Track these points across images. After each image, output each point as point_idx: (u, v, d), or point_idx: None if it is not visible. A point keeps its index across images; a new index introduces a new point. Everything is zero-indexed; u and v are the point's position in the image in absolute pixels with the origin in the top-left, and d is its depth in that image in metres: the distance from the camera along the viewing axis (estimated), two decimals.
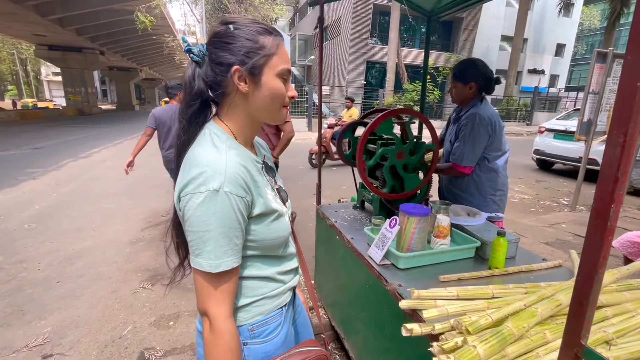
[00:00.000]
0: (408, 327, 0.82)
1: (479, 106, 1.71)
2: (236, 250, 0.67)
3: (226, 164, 0.65)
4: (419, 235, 1.19)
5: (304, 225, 3.70)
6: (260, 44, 0.69)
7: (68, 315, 2.25)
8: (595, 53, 3.92)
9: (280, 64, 0.71)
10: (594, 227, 0.48)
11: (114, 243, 3.38)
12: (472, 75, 1.71)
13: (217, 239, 0.63)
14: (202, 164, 0.64)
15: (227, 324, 0.66)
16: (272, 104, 0.72)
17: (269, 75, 0.70)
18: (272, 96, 0.71)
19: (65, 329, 2.12)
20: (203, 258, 0.64)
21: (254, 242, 0.72)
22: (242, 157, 0.71)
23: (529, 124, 18.86)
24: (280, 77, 0.71)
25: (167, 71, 43.36)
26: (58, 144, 9.86)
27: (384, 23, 18.39)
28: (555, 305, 0.82)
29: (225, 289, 0.66)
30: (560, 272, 1.24)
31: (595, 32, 31.16)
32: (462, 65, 1.76)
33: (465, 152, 1.67)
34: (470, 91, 1.72)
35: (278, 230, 0.75)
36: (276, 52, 0.70)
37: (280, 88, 0.71)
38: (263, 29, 0.70)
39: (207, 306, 0.65)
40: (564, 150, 6.51)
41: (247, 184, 0.67)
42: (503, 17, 21.11)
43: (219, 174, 0.63)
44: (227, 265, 0.65)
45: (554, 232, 3.71)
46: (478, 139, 1.65)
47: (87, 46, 21.25)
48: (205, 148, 0.68)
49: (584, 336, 0.51)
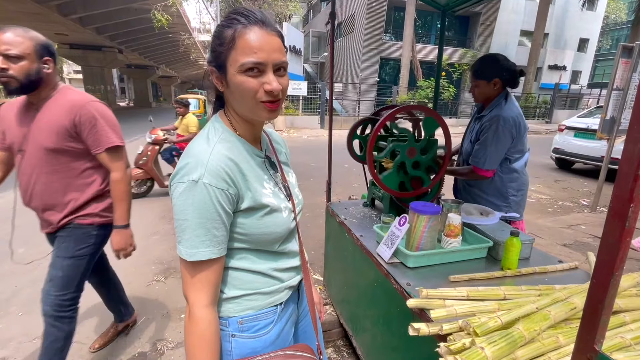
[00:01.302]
0: (415, 327, 0.81)
1: (503, 106, 1.63)
2: (216, 242, 0.67)
3: (210, 156, 0.66)
4: (429, 233, 1.17)
5: (314, 222, 3.70)
6: (222, 38, 0.66)
7: (85, 305, 2.32)
8: (621, 47, 3.75)
9: (241, 57, 0.63)
10: (611, 227, 0.46)
11: None
12: (495, 70, 1.62)
13: (194, 229, 0.65)
14: (190, 155, 0.67)
15: (204, 312, 0.67)
16: (244, 101, 0.68)
17: (231, 72, 0.65)
18: (239, 93, 0.67)
19: (81, 317, 2.19)
20: (182, 245, 0.66)
21: (243, 235, 0.72)
22: (234, 150, 0.71)
23: (548, 121, 18.25)
24: (243, 73, 0.64)
25: (183, 69, 44.08)
26: None
27: (399, 19, 18.11)
28: (569, 309, 0.79)
29: (204, 277, 0.67)
30: (576, 274, 1.20)
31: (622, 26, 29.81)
32: (483, 62, 1.67)
33: (487, 156, 1.60)
34: (495, 88, 1.64)
35: (271, 226, 0.74)
36: (235, 44, 0.64)
37: (242, 84, 0.65)
38: (229, 20, 0.66)
39: (187, 293, 0.68)
40: (585, 149, 6.27)
41: (231, 176, 0.67)
42: (523, 11, 20.45)
43: (200, 165, 0.65)
44: (203, 255, 0.65)
45: (573, 234, 3.58)
46: (502, 142, 1.58)
47: (106, 45, 21.83)
48: (198, 140, 0.70)
49: (598, 341, 0.49)
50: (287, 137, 11.48)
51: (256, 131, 0.79)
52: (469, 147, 1.74)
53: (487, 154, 1.60)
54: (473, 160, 1.67)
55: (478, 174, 1.66)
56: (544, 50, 21.60)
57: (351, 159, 1.86)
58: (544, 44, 20.99)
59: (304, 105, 15.36)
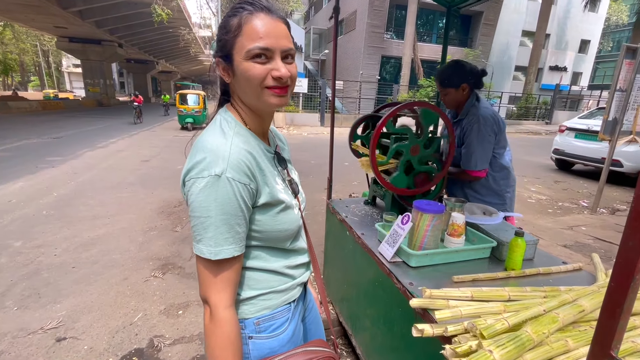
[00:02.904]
0: (419, 328, 0.79)
1: (478, 106, 1.65)
2: (238, 239, 0.65)
3: (230, 149, 0.63)
4: (432, 233, 1.15)
5: (314, 219, 3.68)
6: (227, 28, 0.65)
7: (82, 300, 2.30)
8: (625, 48, 3.73)
9: (248, 44, 0.62)
10: (632, 228, 0.44)
11: (128, 231, 3.45)
12: (461, 76, 1.63)
13: (217, 226, 0.62)
14: (207, 149, 0.63)
15: (227, 313, 0.65)
16: (250, 89, 0.66)
17: (237, 59, 0.64)
18: (245, 80, 0.65)
19: (78, 313, 2.17)
20: (203, 244, 0.63)
21: (258, 232, 0.70)
22: (250, 144, 0.69)
23: (548, 122, 18.25)
24: (250, 59, 0.63)
25: (183, 64, 43.88)
26: (77, 134, 10.13)
27: (401, 17, 18.03)
28: (578, 312, 0.77)
29: (226, 277, 0.65)
30: (581, 275, 1.18)
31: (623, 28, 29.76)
32: (448, 70, 1.67)
33: (477, 157, 1.62)
34: (464, 93, 1.66)
35: (285, 223, 0.73)
36: (241, 32, 0.63)
37: (249, 70, 0.63)
38: (234, 9, 0.65)
39: (207, 294, 0.64)
40: (586, 150, 6.26)
41: (252, 171, 0.65)
42: (525, 11, 20.38)
43: (222, 160, 0.62)
44: (227, 252, 0.63)
45: (573, 235, 3.57)
46: (486, 140, 1.61)
47: (106, 39, 21.71)
48: (213, 134, 0.67)
49: (615, 347, 0.47)
50: (287, 134, 11.45)
51: (265, 126, 0.77)
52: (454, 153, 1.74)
53: (476, 154, 1.62)
54: (464, 164, 1.67)
55: (471, 176, 1.67)
56: (545, 51, 21.59)
57: (352, 157, 1.84)
58: (545, 44, 20.98)
59: (304, 103, 15.30)
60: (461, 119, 1.70)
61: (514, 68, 21.58)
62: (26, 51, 35.38)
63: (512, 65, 21.38)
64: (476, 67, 1.68)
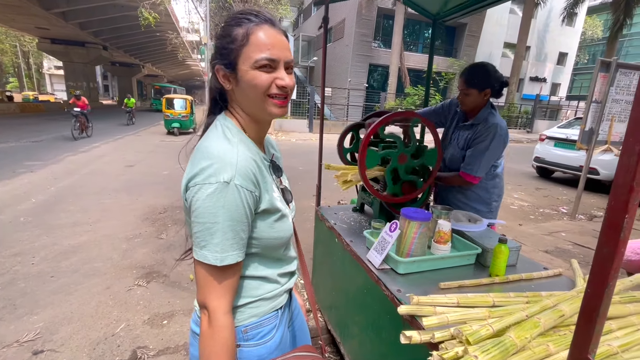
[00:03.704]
0: (407, 335, 0.80)
1: (496, 115, 1.66)
2: (242, 245, 0.66)
3: (238, 156, 0.64)
4: (419, 240, 1.17)
5: (302, 226, 3.68)
6: (232, 37, 0.66)
7: (61, 311, 2.22)
8: (599, 62, 3.91)
9: (255, 54, 0.65)
10: (606, 237, 0.46)
11: (111, 239, 3.36)
12: (488, 81, 1.62)
13: (224, 232, 0.62)
14: (214, 156, 0.63)
15: (226, 319, 0.65)
16: (254, 97, 0.68)
17: (243, 68, 0.66)
18: (250, 89, 0.67)
19: (57, 324, 2.09)
20: (209, 250, 0.62)
21: (256, 239, 0.71)
22: (252, 151, 0.70)
23: (529, 131, 18.87)
24: (257, 68, 0.65)
25: (170, 68, 43.38)
26: (58, 138, 9.83)
27: (388, 27, 18.41)
28: (558, 316, 0.80)
29: (228, 283, 0.65)
30: (561, 281, 1.23)
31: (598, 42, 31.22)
32: (476, 71, 1.65)
33: (482, 163, 1.63)
34: (485, 98, 1.65)
35: (281, 231, 0.74)
36: (248, 41, 0.65)
37: (255, 79, 0.66)
38: (237, 20, 0.67)
39: (207, 299, 0.64)
40: (565, 159, 6.50)
41: (257, 178, 0.67)
42: (506, 24, 21.14)
43: (230, 166, 0.62)
44: (232, 258, 0.64)
45: (553, 241, 3.69)
46: (497, 150, 1.62)
47: (90, 41, 21.27)
48: (217, 140, 0.67)
49: (592, 351, 0.50)
50: (276, 141, 11.39)
51: (262, 134, 0.78)
52: (456, 154, 1.76)
53: (481, 161, 1.63)
54: (465, 167, 1.67)
55: (465, 180, 1.68)
56: (526, 62, 22.38)
57: (340, 163, 1.86)
58: (526, 56, 21.75)
59: (293, 109, 15.33)
60: (475, 124, 1.68)
61: None
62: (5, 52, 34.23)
63: None
64: (502, 76, 1.66)
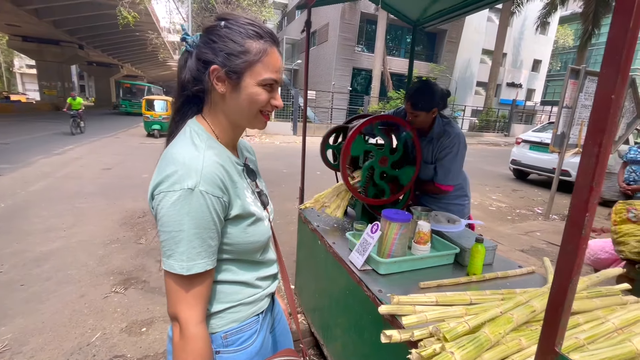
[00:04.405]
0: (387, 334, 0.81)
1: (452, 125, 1.73)
2: (210, 252, 0.64)
3: (203, 162, 0.63)
4: (400, 241, 1.19)
5: (285, 228, 3.66)
6: (246, 47, 0.66)
7: (31, 321, 2.12)
8: (569, 69, 4.12)
9: (265, 73, 0.67)
10: (569, 235, 0.49)
11: (86, 244, 3.23)
12: (433, 100, 1.64)
13: (190, 240, 0.61)
14: (178, 162, 0.62)
15: (199, 329, 0.63)
16: (249, 110, 0.69)
17: (249, 81, 0.67)
18: (249, 102, 0.68)
19: (27, 335, 1.99)
20: (174, 259, 0.61)
21: (229, 245, 0.69)
22: (221, 157, 0.69)
23: (506, 135, 19.57)
24: (261, 85, 0.68)
25: (150, 69, 42.35)
26: (29, 140, 9.38)
27: (371, 31, 18.70)
28: (529, 312, 0.83)
29: (198, 292, 0.63)
30: (534, 278, 1.28)
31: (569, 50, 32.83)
32: (420, 94, 1.64)
33: (453, 174, 1.71)
34: (433, 115, 1.69)
35: (255, 235, 0.73)
36: (261, 59, 0.66)
37: (258, 95, 0.68)
38: (254, 32, 0.67)
39: (177, 310, 0.62)
40: (539, 161, 6.78)
41: (225, 184, 0.65)
42: (484, 31, 21.91)
43: (195, 173, 0.61)
44: (200, 267, 0.62)
45: (529, 240, 3.83)
46: (463, 157, 1.71)
47: (65, 39, 20.47)
48: (184, 146, 0.66)
49: (559, 343, 0.52)
50: (259, 143, 11.35)
51: (236, 138, 0.78)
52: (424, 168, 1.77)
53: (452, 172, 1.70)
54: (440, 180, 1.72)
55: (442, 189, 1.74)
56: (503, 68, 23.25)
57: (324, 166, 1.87)
58: (503, 62, 22.60)
59: (277, 112, 15.28)
60: (433, 138, 1.73)
61: (475, 83, 23.04)
62: None
63: (474, 80, 22.82)
64: (443, 89, 1.72)
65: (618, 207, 1.68)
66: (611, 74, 0.44)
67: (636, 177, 3.41)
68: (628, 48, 0.42)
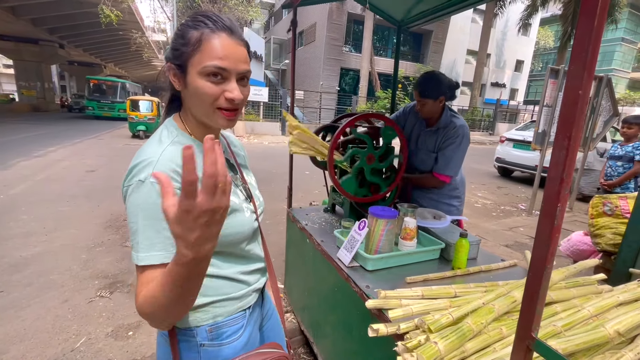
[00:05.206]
0: (374, 327, 0.83)
1: (458, 117, 1.77)
2: (169, 244, 0.61)
3: (160, 156, 0.64)
4: (386, 237, 1.21)
5: (275, 228, 3.65)
6: (186, 39, 0.64)
7: (12, 328, 2.05)
8: (549, 70, 4.25)
9: (203, 60, 0.63)
10: (542, 226, 0.51)
11: (69, 249, 3.15)
12: (440, 89, 1.70)
13: (144, 231, 0.61)
14: (140, 158, 0.65)
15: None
16: (201, 105, 0.67)
17: (192, 73, 0.64)
18: (197, 97, 0.66)
19: (7, 343, 1.93)
20: (134, 250, 0.62)
21: None
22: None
23: (491, 133, 20.00)
24: (203, 75, 0.63)
25: (134, 69, 41.46)
26: (8, 142, 9.06)
27: (358, 32, 18.80)
28: (510, 302, 0.86)
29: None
30: (516, 271, 1.32)
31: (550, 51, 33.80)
32: (429, 81, 1.71)
33: (454, 164, 1.73)
34: (440, 104, 1.74)
35: (234, 227, 0.72)
36: (200, 47, 0.63)
37: (202, 88, 0.64)
38: (195, 21, 0.65)
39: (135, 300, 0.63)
40: (522, 159, 6.97)
41: None
42: (469, 32, 22.33)
43: (149, 165, 0.63)
44: (156, 259, 0.61)
45: (513, 235, 3.94)
46: (465, 149, 1.74)
47: (44, 38, 19.83)
48: (150, 143, 0.68)
49: (535, 329, 0.54)
50: (248, 144, 11.27)
51: (212, 132, 0.77)
52: (427, 158, 1.82)
53: (453, 162, 1.73)
54: (439, 169, 1.76)
55: (439, 180, 1.77)
56: (487, 68, 23.74)
57: (312, 166, 1.88)
58: (487, 63, 23.08)
59: (265, 112, 15.20)
60: (440, 128, 1.76)
61: (461, 83, 23.47)
62: None
63: (459, 80, 23.23)
64: (451, 80, 1.75)
65: (595, 201, 1.75)
66: (578, 71, 0.46)
67: (612, 172, 3.54)
68: (593, 46, 0.44)
